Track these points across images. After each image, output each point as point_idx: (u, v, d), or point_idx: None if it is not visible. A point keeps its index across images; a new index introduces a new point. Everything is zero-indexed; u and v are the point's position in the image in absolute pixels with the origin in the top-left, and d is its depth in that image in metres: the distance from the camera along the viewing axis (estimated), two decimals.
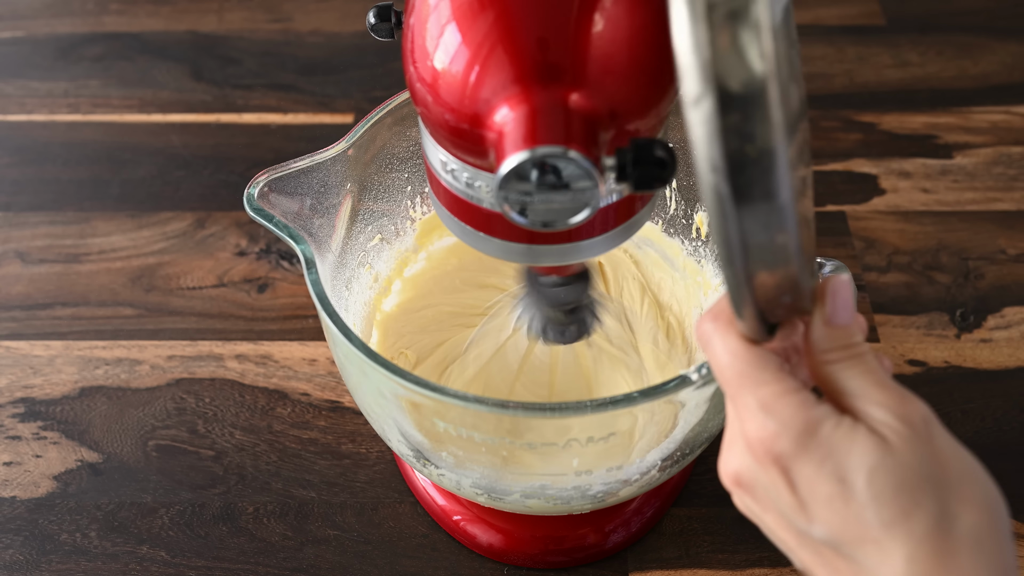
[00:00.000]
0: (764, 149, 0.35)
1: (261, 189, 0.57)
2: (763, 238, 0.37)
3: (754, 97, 0.35)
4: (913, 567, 0.37)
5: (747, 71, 0.35)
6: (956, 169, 0.90)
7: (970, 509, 0.37)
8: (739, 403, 0.41)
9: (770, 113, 0.35)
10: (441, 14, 0.42)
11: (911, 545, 0.37)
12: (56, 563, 0.67)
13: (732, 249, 0.37)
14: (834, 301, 0.41)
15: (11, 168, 0.91)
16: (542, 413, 0.50)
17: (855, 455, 0.38)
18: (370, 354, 0.52)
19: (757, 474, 0.40)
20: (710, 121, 0.35)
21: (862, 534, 0.38)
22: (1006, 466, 0.42)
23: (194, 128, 0.94)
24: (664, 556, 0.68)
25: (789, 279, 0.38)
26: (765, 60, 0.34)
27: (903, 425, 0.38)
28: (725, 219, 0.36)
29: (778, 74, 0.36)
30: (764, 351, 0.41)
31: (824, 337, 0.41)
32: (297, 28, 1.03)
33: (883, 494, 0.37)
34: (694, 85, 0.35)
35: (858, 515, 0.38)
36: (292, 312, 0.80)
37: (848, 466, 0.38)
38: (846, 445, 0.38)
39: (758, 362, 0.40)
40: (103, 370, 0.77)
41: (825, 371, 0.41)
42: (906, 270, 0.82)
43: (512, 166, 0.39)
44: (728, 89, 0.35)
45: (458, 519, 0.68)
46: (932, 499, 0.37)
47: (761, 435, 0.39)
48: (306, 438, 0.73)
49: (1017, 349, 0.77)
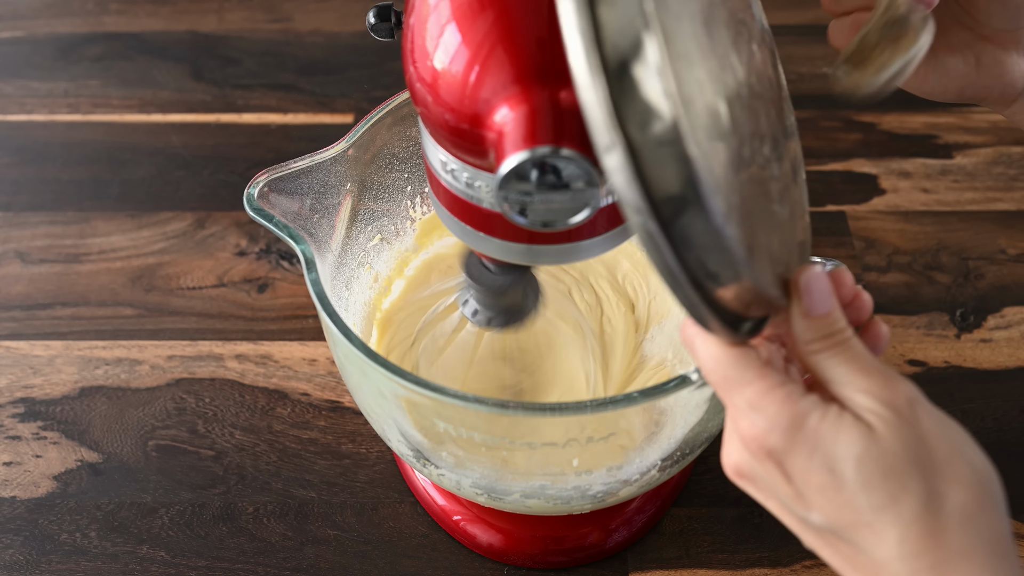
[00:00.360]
0: (687, 180, 0.35)
1: (261, 189, 0.57)
2: (704, 261, 0.37)
3: (664, 136, 0.35)
4: (905, 547, 0.38)
5: (651, 114, 0.35)
6: (956, 169, 0.90)
7: (958, 488, 0.38)
8: (729, 403, 0.42)
9: (686, 147, 0.35)
10: (441, 14, 0.42)
11: (901, 527, 0.38)
12: (56, 563, 0.67)
13: (676, 279, 0.37)
14: (809, 296, 0.41)
15: (11, 168, 0.91)
16: (542, 413, 0.50)
17: (842, 445, 0.39)
18: (370, 354, 0.52)
19: (755, 468, 0.42)
20: (623, 169, 0.35)
21: (856, 519, 0.39)
22: (1006, 466, 0.41)
23: (194, 128, 0.94)
24: (664, 556, 0.68)
25: (746, 290, 0.38)
26: (671, 97, 0.34)
27: (888, 410, 0.39)
28: (661, 253, 0.36)
29: (697, 102, 0.35)
30: (744, 350, 0.41)
31: (804, 329, 0.41)
32: (297, 28, 1.03)
33: (871, 481, 0.38)
34: (601, 137, 0.35)
35: (850, 502, 0.39)
36: (292, 312, 0.80)
37: (836, 456, 0.39)
38: (832, 436, 0.39)
39: (739, 363, 0.41)
40: (103, 370, 0.77)
41: (810, 361, 0.42)
42: (906, 270, 0.82)
43: (512, 166, 0.39)
44: (633, 137, 0.35)
45: (458, 519, 0.68)
46: (919, 482, 0.38)
47: (753, 432, 0.41)
48: (306, 438, 0.73)
49: (1017, 349, 0.77)
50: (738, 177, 0.38)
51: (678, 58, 0.35)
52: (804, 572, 0.67)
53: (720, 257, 0.37)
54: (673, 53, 0.35)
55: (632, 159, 0.35)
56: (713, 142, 0.36)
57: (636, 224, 0.36)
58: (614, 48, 0.35)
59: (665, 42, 0.34)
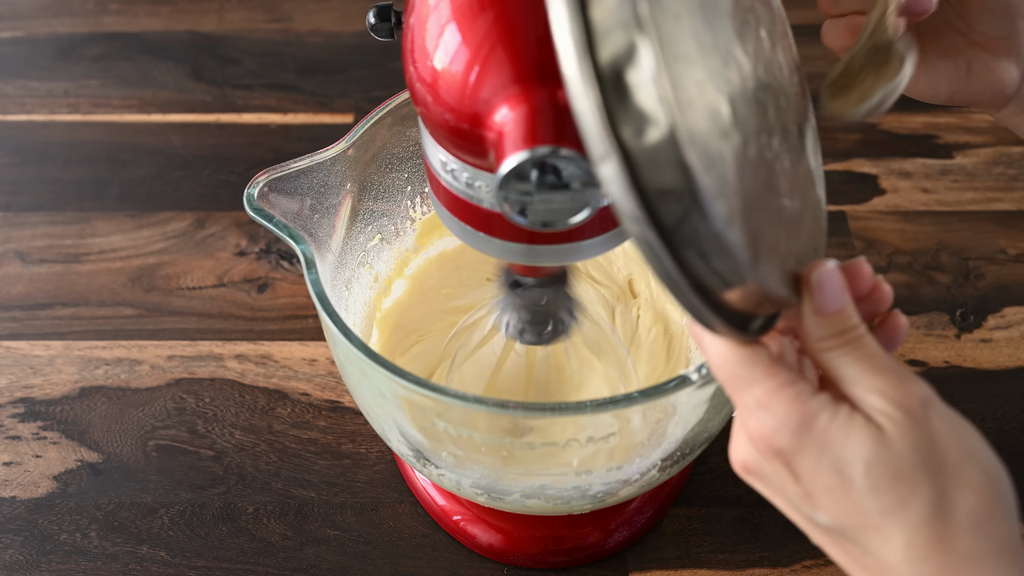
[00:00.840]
0: (685, 187, 0.34)
1: (261, 189, 0.57)
2: (707, 266, 0.36)
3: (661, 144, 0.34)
4: (911, 552, 0.38)
5: (646, 120, 0.34)
6: (956, 169, 0.90)
7: (968, 492, 0.38)
8: (737, 401, 0.41)
9: (684, 155, 0.34)
10: (441, 14, 0.42)
11: (908, 531, 0.38)
12: (56, 563, 0.67)
13: (677, 285, 0.37)
14: (821, 293, 0.40)
15: (11, 168, 0.91)
16: (542, 413, 0.50)
17: (851, 447, 0.38)
18: (370, 354, 0.52)
19: (763, 466, 0.41)
20: (619, 179, 0.34)
21: (863, 522, 0.39)
22: (1006, 466, 0.41)
23: (194, 128, 0.94)
24: (664, 556, 0.68)
25: (752, 292, 0.38)
26: (666, 104, 0.33)
27: (900, 412, 0.39)
28: (660, 261, 0.36)
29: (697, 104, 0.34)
30: (753, 349, 0.40)
31: (816, 326, 0.41)
32: (297, 28, 1.03)
33: (880, 484, 0.38)
34: (595, 146, 0.34)
35: (858, 504, 0.38)
36: (292, 312, 0.80)
37: (845, 458, 0.38)
38: (841, 438, 0.39)
39: (748, 361, 0.40)
40: (103, 370, 0.77)
41: (822, 359, 0.41)
42: (906, 270, 0.82)
43: (512, 166, 0.39)
44: (629, 145, 0.34)
45: (458, 519, 0.68)
46: (929, 486, 0.38)
47: (761, 432, 0.40)
48: (306, 438, 0.73)
49: (1017, 349, 0.77)
50: (741, 178, 0.37)
51: (676, 60, 0.34)
52: (804, 572, 0.67)
53: (723, 262, 0.36)
54: (669, 55, 0.34)
55: (628, 168, 0.34)
56: (714, 146, 0.35)
57: (634, 233, 0.35)
58: (607, 53, 0.34)
59: (660, 46, 0.33)
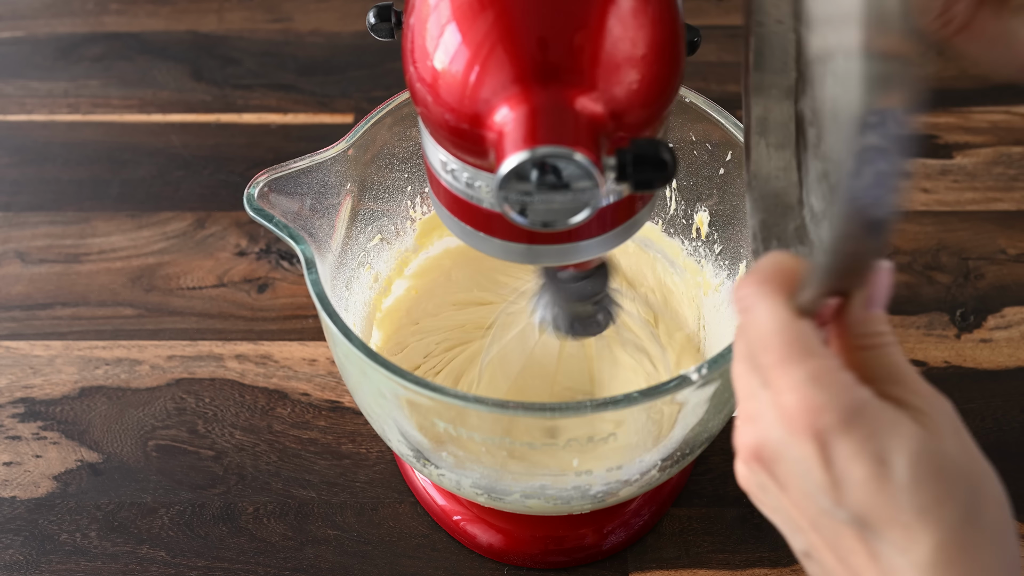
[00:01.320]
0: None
1: (261, 189, 0.57)
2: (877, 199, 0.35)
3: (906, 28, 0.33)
4: (941, 555, 0.37)
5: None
6: (956, 169, 0.90)
7: (992, 505, 0.38)
8: (779, 372, 0.39)
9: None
10: (441, 14, 0.42)
11: (942, 532, 0.37)
12: (56, 563, 0.67)
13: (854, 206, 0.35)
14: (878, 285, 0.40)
15: (11, 168, 0.91)
16: (542, 413, 0.50)
17: (899, 437, 0.37)
18: (370, 354, 0.52)
19: (787, 448, 0.39)
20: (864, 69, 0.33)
21: (893, 517, 0.37)
22: (1006, 466, 0.41)
23: (194, 128, 0.94)
24: (664, 556, 0.68)
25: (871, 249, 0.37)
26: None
27: (942, 416, 0.39)
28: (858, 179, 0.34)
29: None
30: (812, 324, 0.40)
31: (862, 321, 0.40)
32: (297, 28, 1.03)
33: (922, 479, 0.37)
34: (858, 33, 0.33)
35: (893, 497, 0.37)
36: (292, 312, 0.80)
37: (891, 448, 0.37)
38: (890, 427, 0.38)
39: (809, 333, 0.39)
40: (103, 370, 0.77)
41: (860, 356, 0.40)
42: (906, 270, 0.82)
43: (512, 166, 0.39)
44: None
45: (458, 519, 0.68)
46: (965, 491, 0.37)
47: (806, 406, 0.38)
48: (306, 438, 0.73)
49: (1017, 349, 0.77)
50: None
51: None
52: (804, 572, 0.67)
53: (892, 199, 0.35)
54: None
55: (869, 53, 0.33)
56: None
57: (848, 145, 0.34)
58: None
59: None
